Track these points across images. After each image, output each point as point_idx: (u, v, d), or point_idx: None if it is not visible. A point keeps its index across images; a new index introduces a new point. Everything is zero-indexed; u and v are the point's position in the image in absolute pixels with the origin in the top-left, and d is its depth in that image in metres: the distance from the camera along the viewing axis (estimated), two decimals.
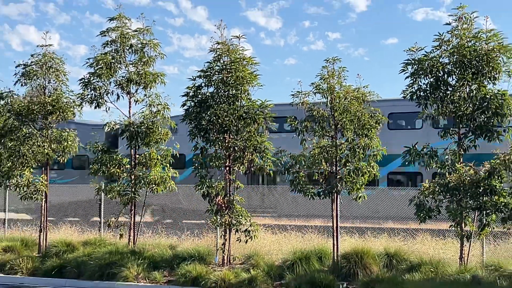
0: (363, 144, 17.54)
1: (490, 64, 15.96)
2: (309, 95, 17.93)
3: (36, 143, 20.43)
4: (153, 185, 19.93)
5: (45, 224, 20.96)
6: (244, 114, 18.45)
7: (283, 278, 17.01)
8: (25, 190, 20.62)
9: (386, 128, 30.21)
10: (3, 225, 24.42)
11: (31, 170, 20.89)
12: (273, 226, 22.25)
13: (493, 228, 16.20)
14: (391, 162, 17.72)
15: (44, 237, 20.87)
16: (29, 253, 20.47)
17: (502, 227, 16.16)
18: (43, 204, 20.98)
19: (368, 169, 17.65)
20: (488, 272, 15.44)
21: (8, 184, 21.10)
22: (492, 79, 16.18)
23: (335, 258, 17.46)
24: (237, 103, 18.51)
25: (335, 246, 17.65)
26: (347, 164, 17.61)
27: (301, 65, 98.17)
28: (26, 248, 21.01)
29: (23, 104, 20.60)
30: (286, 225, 22.91)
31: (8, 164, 20.46)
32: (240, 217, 18.46)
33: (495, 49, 16.02)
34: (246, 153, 18.48)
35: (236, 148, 18.53)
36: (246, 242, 18.43)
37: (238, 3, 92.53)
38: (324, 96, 17.79)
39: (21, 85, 21.01)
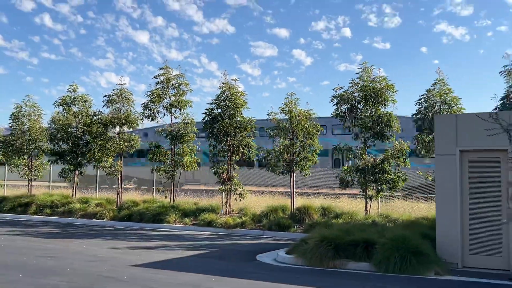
0: (308, 143, 17.69)
1: (382, 96, 16.11)
2: (277, 114, 18.01)
3: (115, 142, 20.51)
4: (185, 167, 20.08)
5: (120, 190, 21.13)
6: (239, 125, 18.66)
7: (261, 222, 17.12)
8: (109, 170, 20.80)
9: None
10: (95, 190, 24.50)
11: (112, 158, 21.07)
12: (256, 191, 22.44)
13: (384, 193, 16.45)
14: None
15: (120, 197, 20.98)
16: (110, 207, 20.49)
17: (389, 192, 16.48)
18: (119, 178, 21.16)
19: (312, 158, 17.93)
20: (381, 219, 15.55)
21: (98, 166, 21.26)
22: (383, 105, 16.27)
23: (292, 210, 17.56)
24: (234, 118, 18.67)
25: (292, 203, 17.81)
26: (299, 155, 17.73)
27: (272, 97, 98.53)
28: (109, 203, 20.96)
29: (107, 118, 20.66)
30: (263, 191, 23.07)
31: (99, 154, 20.54)
32: (236, 186, 18.71)
33: (384, 87, 16.19)
34: (239, 148, 18.72)
35: (234, 145, 18.71)
36: (240, 201, 18.65)
37: (235, 59, 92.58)
38: (286, 115, 17.88)
39: (106, 107, 21.09)
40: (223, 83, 19.14)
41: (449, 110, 15.26)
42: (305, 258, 10.61)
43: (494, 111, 12.61)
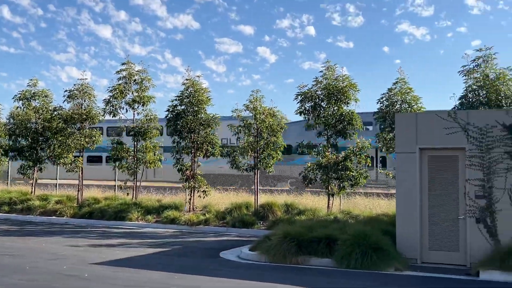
0: (272, 141, 17.70)
1: (345, 94, 16.14)
2: (241, 111, 17.94)
3: (76, 138, 20.09)
4: (148, 164, 19.83)
5: (81, 186, 20.68)
6: (203, 122, 18.53)
7: (225, 219, 17.05)
8: (69, 166, 20.36)
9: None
10: (56, 187, 23.93)
11: (73, 154, 20.63)
12: (220, 188, 22.38)
13: (346, 190, 16.58)
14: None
15: (81, 194, 20.50)
16: (71, 204, 19.98)
17: (351, 189, 16.67)
18: (80, 174, 20.68)
19: (276, 155, 17.98)
20: (343, 215, 15.65)
21: (58, 162, 20.76)
22: (346, 103, 16.31)
23: (256, 207, 17.54)
24: (198, 115, 18.51)
25: (256, 200, 17.77)
26: (263, 152, 17.77)
27: (237, 94, 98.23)
28: (69, 201, 20.42)
29: (68, 114, 20.18)
30: (227, 188, 23.02)
31: (59, 150, 20.07)
32: (200, 183, 18.59)
33: (347, 86, 16.27)
34: (204, 145, 18.59)
35: (198, 142, 18.56)
36: (203, 198, 18.48)
37: (200, 55, 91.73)
38: (251, 112, 17.81)
39: (67, 102, 20.47)
40: (187, 79, 18.94)
41: (410, 109, 15.52)
42: (268, 255, 10.63)
43: (453, 110, 12.96)
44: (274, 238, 10.87)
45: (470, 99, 14.42)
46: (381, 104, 16.19)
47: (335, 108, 16.44)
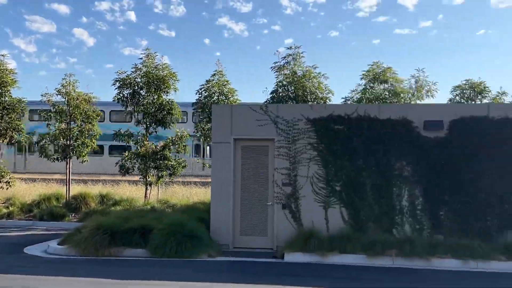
0: (87, 128, 16.98)
1: (165, 83, 16.20)
2: (53, 96, 16.87)
3: None
4: None
5: None
6: (7, 106, 16.90)
7: (32, 211, 15.92)
8: None
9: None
10: None
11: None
12: (26, 178, 20.76)
13: (165, 179, 16.71)
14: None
15: None
16: None
17: (169, 178, 16.79)
18: None
19: (91, 144, 17.24)
20: (161, 204, 15.73)
21: None
22: (166, 92, 16.39)
23: (67, 198, 16.69)
24: (2, 98, 16.88)
25: (68, 191, 16.89)
26: (77, 140, 16.90)
27: (50, 76, 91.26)
28: None
29: None
30: (35, 178, 21.46)
31: None
32: (3, 173, 16.97)
33: (167, 75, 16.32)
34: (8, 132, 17.00)
35: (1, 128, 16.93)
36: (7, 189, 16.96)
37: (7, 33, 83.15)
38: (63, 97, 16.84)
39: None
40: None
41: (226, 100, 16.13)
42: (79, 248, 10.16)
43: (265, 103, 13.78)
44: (86, 231, 10.43)
45: (280, 94, 15.48)
46: (200, 95, 16.52)
47: (155, 97, 16.35)
